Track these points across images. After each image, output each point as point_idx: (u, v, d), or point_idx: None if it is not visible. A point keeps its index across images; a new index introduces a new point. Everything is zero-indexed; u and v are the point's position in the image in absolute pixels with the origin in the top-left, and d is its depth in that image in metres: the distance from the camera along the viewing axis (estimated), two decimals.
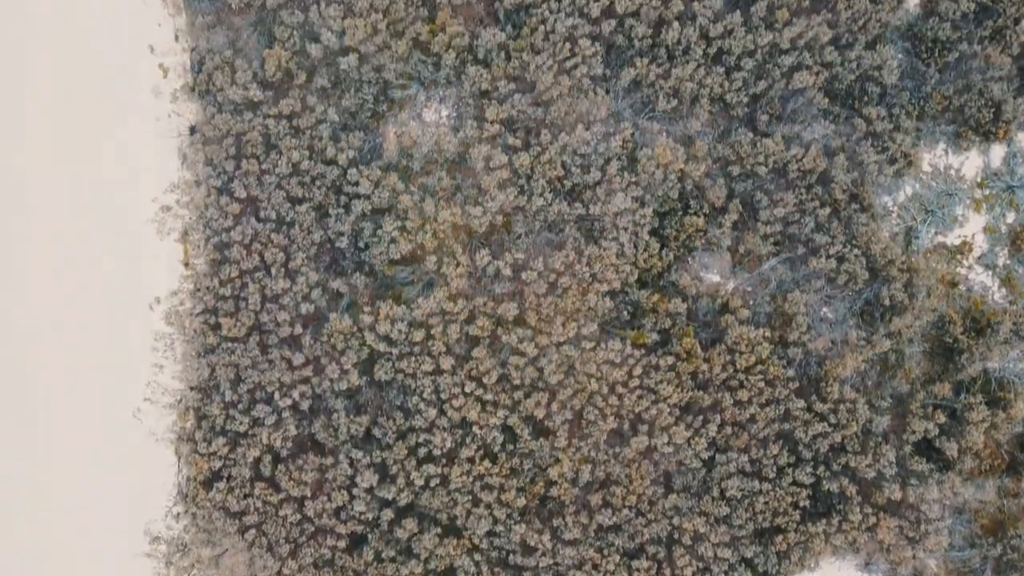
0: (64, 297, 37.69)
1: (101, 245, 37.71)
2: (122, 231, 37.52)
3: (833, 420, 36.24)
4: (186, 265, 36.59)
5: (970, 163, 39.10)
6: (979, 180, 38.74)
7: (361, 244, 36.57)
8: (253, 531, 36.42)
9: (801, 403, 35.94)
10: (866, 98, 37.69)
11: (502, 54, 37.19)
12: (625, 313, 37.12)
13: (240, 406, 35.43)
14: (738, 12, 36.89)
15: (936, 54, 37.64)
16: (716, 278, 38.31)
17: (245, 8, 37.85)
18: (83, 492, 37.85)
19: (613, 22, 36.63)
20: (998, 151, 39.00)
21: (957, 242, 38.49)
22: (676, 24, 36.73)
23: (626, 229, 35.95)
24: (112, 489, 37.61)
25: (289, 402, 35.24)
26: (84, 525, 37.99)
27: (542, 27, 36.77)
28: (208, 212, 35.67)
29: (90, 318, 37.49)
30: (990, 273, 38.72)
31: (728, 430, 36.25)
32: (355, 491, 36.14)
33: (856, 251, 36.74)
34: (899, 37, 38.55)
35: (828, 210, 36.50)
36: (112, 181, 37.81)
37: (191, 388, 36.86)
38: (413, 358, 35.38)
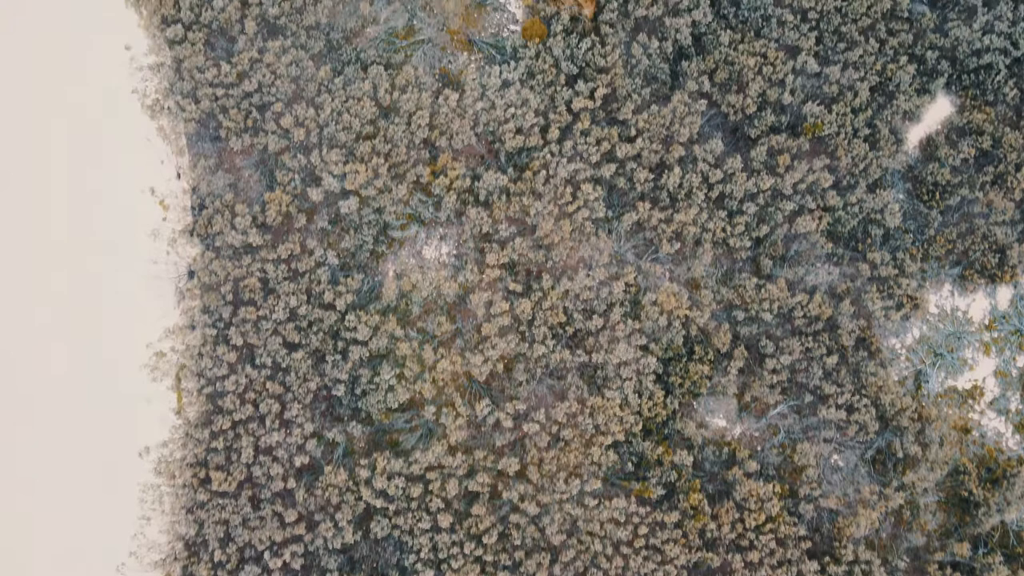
0: (53, 440, 36.02)
1: (93, 389, 36.23)
2: (115, 375, 36.47)
3: None
4: (178, 414, 35.55)
5: (977, 305, 38.45)
6: (987, 322, 38.04)
7: (358, 392, 35.37)
8: None
9: (814, 565, 33.88)
10: (869, 240, 37.14)
11: (503, 197, 36.93)
12: (629, 464, 35.48)
13: (228, 566, 33.60)
14: (739, 157, 36.70)
15: (937, 197, 37.37)
16: (722, 423, 37.15)
17: (247, 150, 38.18)
18: None
19: (614, 166, 36.42)
20: (1005, 293, 38.33)
21: (968, 386, 37.46)
22: (677, 168, 36.53)
23: (630, 379, 35.05)
24: None
25: (280, 562, 33.55)
26: None
27: (544, 171, 36.73)
28: (202, 362, 34.72)
29: (79, 464, 35.91)
30: (1003, 418, 37.63)
31: None
32: None
33: (866, 400, 35.47)
34: (900, 179, 38.16)
35: (836, 358, 35.59)
36: (108, 323, 36.41)
37: (179, 542, 35.34)
38: (411, 514, 33.76)
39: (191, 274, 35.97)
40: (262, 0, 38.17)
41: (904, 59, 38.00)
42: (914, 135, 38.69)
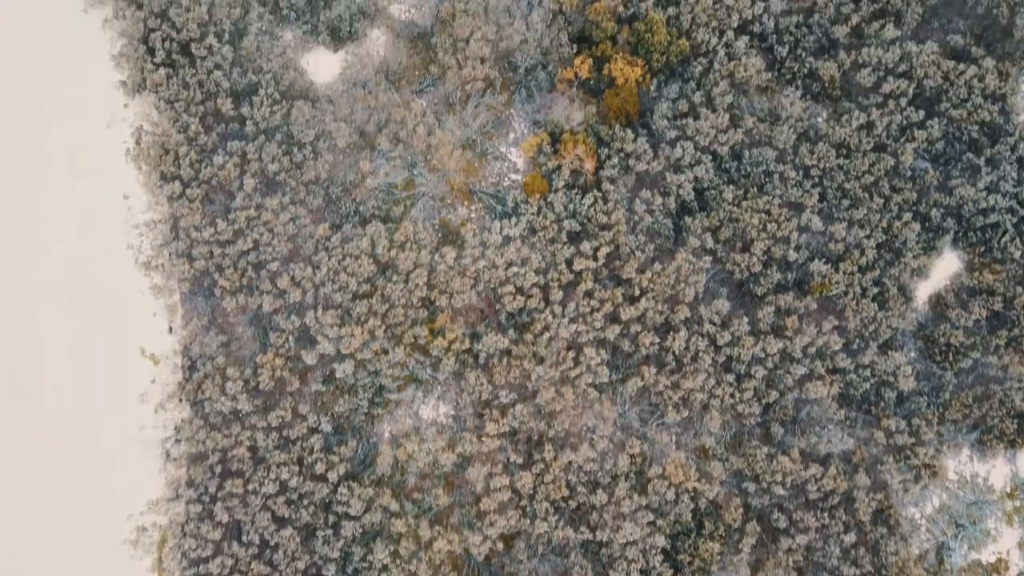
0: None
1: (70, 568, 34.66)
2: (94, 552, 34.60)
3: None
4: None
5: (997, 471, 36.29)
6: (1008, 490, 36.18)
7: (349, 571, 32.66)
8: None
9: None
10: (883, 404, 35.46)
11: (503, 360, 35.49)
12: None
13: None
14: (745, 318, 34.86)
15: (950, 359, 36.03)
16: None
17: (241, 308, 37.02)
18: None
19: (618, 328, 34.50)
20: None
21: (992, 559, 35.45)
22: (683, 331, 35.13)
23: (635, 560, 33.02)
24: None
25: None
26: None
27: (545, 333, 35.50)
28: (186, 542, 32.55)
29: None
30: None
31: None
32: None
33: None
34: (911, 337, 36.51)
35: (853, 535, 33.65)
36: (90, 493, 34.13)
37: None
38: None
39: (176, 438, 34.41)
40: (261, 156, 38.11)
41: (909, 216, 37.28)
42: (923, 291, 37.51)
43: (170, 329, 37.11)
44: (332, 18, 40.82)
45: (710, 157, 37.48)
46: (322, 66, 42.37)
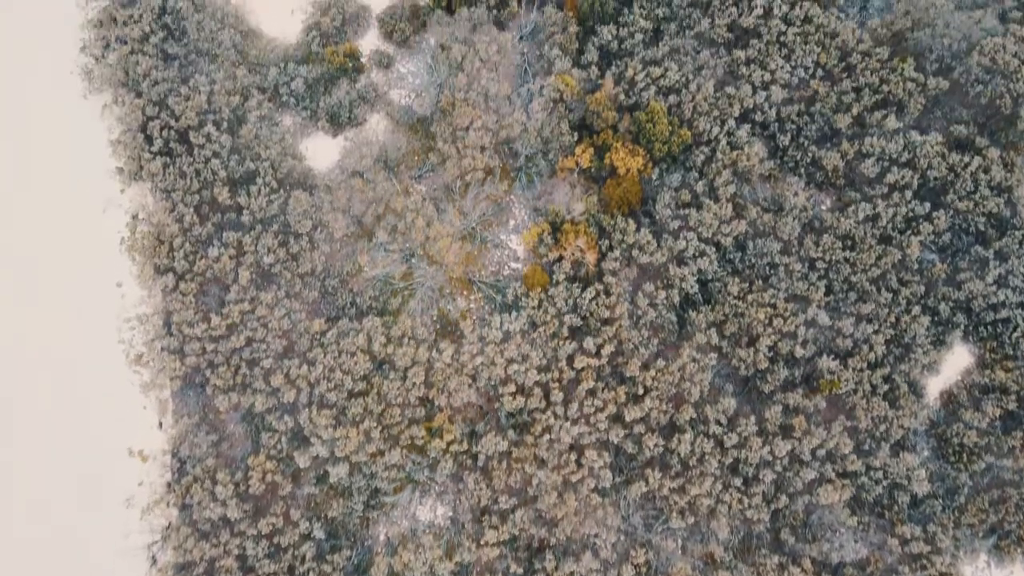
0: None
1: None
2: None
3: None
4: None
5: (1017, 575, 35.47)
6: None
7: None
8: None
9: None
10: (897, 508, 33.61)
11: (503, 462, 34.17)
12: None
13: None
14: (753, 417, 33.41)
15: (965, 460, 34.90)
16: None
17: (232, 408, 35.26)
18: None
19: (621, 430, 33.09)
20: None
21: None
22: (688, 432, 33.59)
23: None
24: None
25: None
26: None
27: (546, 435, 34.26)
28: None
29: None
30: None
31: None
32: None
33: None
34: (924, 436, 35.18)
35: None
36: None
37: None
38: None
39: (164, 543, 32.98)
40: (257, 247, 37.38)
41: (918, 309, 36.30)
42: (934, 387, 36.22)
43: (160, 425, 35.91)
44: (332, 104, 40.52)
45: (714, 248, 36.73)
46: (321, 151, 41.85)
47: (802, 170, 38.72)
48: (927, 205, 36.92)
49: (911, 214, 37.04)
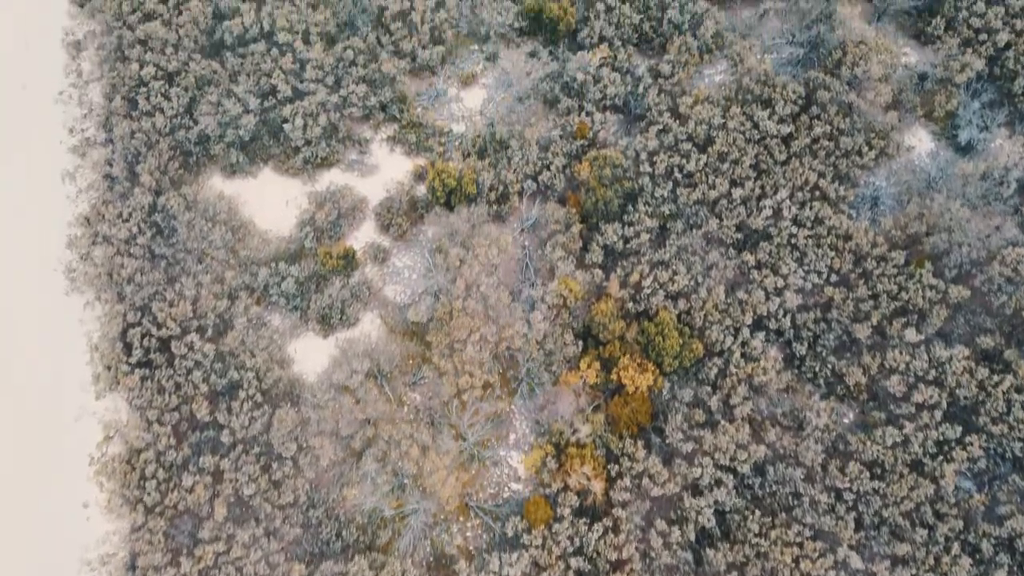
0: None
1: None
2: None
3: None
4: None
5: None
6: None
7: None
8: None
9: None
10: None
11: None
12: None
13: None
14: None
15: None
16: None
17: None
18: None
19: None
20: None
21: None
22: None
23: None
24: None
25: None
26: None
27: None
28: None
29: None
30: None
31: None
32: None
33: None
34: None
35: None
36: None
37: None
38: None
39: None
40: (237, 474, 34.28)
41: (957, 547, 32.96)
42: None
43: None
44: (323, 305, 38.03)
45: (731, 475, 33.82)
46: (311, 353, 38.96)
47: (821, 380, 36.18)
48: (959, 428, 33.90)
49: (942, 437, 34.14)
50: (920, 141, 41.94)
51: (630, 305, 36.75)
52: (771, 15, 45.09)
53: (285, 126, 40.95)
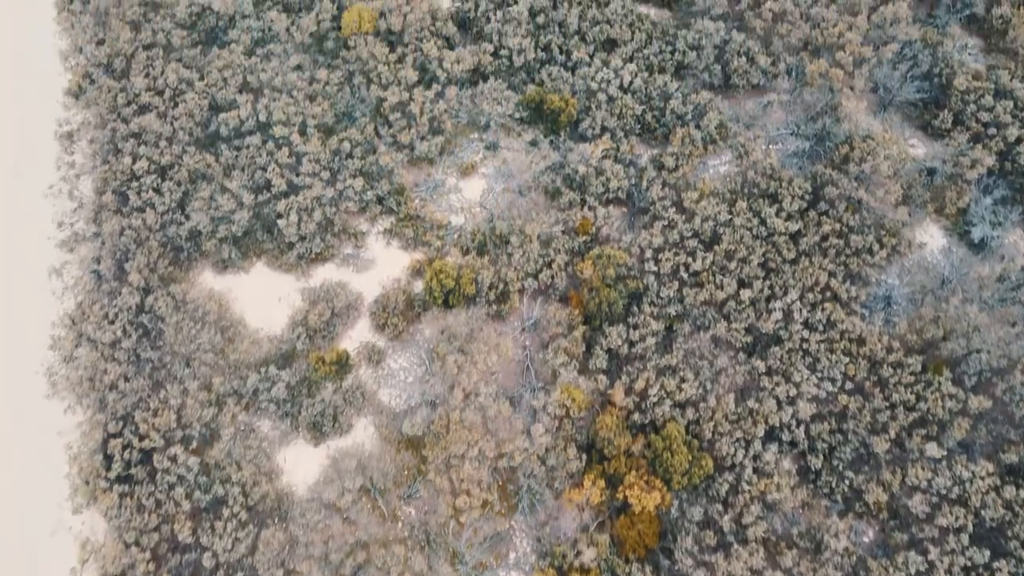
0: None
1: None
2: None
3: None
4: None
5: None
6: None
7: None
8: None
9: None
10: None
11: None
12: None
13: None
14: None
15: None
16: None
17: None
18: None
19: None
20: None
21: None
22: None
23: None
24: None
25: None
26: None
27: None
28: None
29: None
30: None
31: None
32: None
33: None
34: None
35: None
36: None
37: None
38: None
39: None
40: None
41: None
42: None
43: None
44: (314, 413, 35.63)
45: None
46: (301, 461, 36.73)
47: (838, 496, 34.24)
48: (986, 552, 31.95)
49: (969, 563, 32.07)
50: (932, 237, 40.76)
51: (636, 415, 34.97)
52: (775, 106, 44.33)
53: (279, 221, 39.72)
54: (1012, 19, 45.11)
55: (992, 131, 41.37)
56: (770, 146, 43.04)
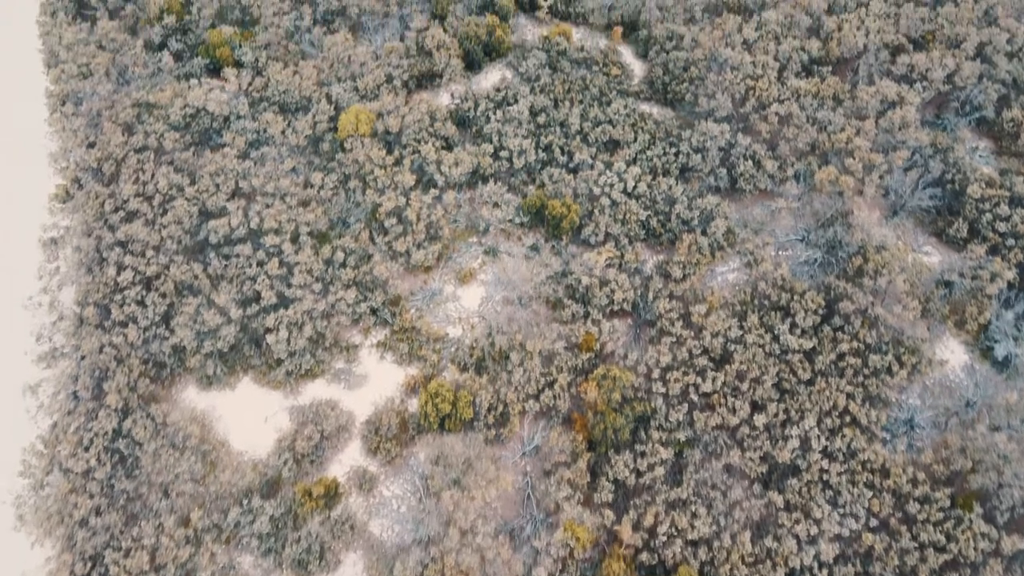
0: None
1: None
2: None
3: None
4: None
5: None
6: None
7: None
8: None
9: None
10: None
11: None
12: None
13: None
14: None
15: None
16: None
17: None
18: None
19: None
20: None
21: None
22: None
23: None
24: None
25: None
26: None
27: None
28: None
29: None
30: None
31: None
32: None
33: None
34: None
35: None
36: None
37: None
38: None
39: None
40: None
41: None
42: None
43: None
44: (300, 550, 32.64)
45: None
46: None
47: None
48: None
49: None
50: (952, 353, 38.74)
51: (644, 555, 32.36)
52: (783, 212, 42.90)
53: (268, 337, 37.77)
54: (1023, 123, 44.04)
55: (1010, 242, 39.84)
56: (780, 252, 41.40)
